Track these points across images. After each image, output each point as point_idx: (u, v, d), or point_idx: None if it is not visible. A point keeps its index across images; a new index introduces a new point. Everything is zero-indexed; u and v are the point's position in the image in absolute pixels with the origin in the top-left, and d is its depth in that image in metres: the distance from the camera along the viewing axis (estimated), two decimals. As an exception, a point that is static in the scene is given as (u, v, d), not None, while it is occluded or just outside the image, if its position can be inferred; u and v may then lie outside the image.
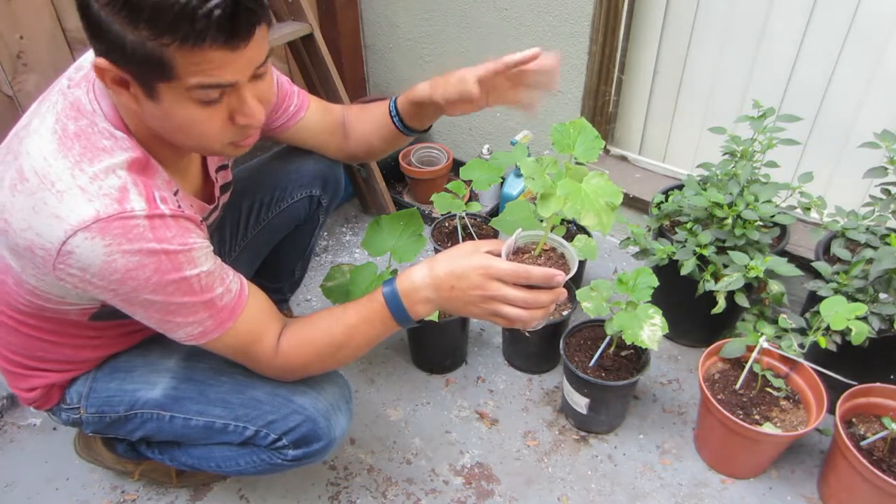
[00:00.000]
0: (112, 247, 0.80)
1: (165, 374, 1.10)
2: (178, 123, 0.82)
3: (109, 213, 0.80)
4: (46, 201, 0.80)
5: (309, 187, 1.38)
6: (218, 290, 0.90)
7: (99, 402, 1.11)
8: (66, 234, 0.79)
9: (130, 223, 0.81)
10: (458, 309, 0.94)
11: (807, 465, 1.40)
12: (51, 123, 0.84)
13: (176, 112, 0.80)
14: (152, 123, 0.85)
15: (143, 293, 0.84)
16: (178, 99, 0.79)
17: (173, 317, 0.89)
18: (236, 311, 0.93)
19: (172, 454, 1.24)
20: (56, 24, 1.51)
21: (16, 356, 1.06)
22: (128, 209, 0.81)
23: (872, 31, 1.43)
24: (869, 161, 1.42)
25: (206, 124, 0.82)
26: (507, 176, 1.99)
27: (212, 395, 1.09)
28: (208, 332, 0.92)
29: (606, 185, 0.87)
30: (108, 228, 0.80)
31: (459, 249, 0.94)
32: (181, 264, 0.85)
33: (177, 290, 0.86)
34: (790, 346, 1.29)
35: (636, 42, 1.79)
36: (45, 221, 0.80)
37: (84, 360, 1.11)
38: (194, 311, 0.89)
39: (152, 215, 0.82)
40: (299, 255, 1.55)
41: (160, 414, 1.10)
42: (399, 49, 2.16)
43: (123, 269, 0.81)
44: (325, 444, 1.10)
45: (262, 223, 1.38)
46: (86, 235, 0.79)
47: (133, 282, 0.83)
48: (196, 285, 0.87)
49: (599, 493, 1.37)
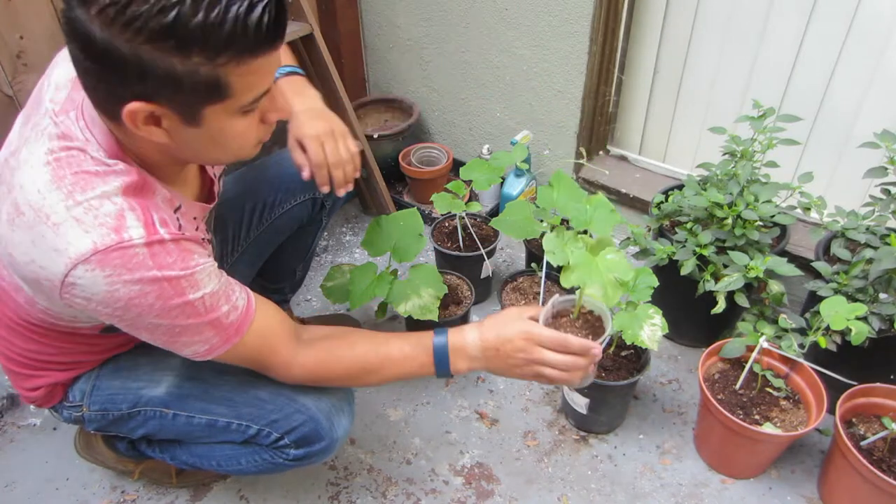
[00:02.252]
0: (113, 277, 0.79)
1: (169, 372, 1.11)
2: (221, 140, 0.82)
3: (107, 243, 0.78)
4: (44, 235, 0.79)
5: (312, 189, 1.38)
6: (223, 308, 0.89)
7: (102, 399, 1.11)
8: (66, 267, 0.78)
9: (129, 252, 0.79)
10: (502, 370, 1.01)
11: (807, 465, 1.40)
12: (41, 154, 0.82)
13: (221, 130, 0.80)
14: (182, 151, 0.84)
15: (147, 318, 0.84)
16: (225, 116, 0.78)
17: (179, 337, 0.89)
18: (242, 328, 0.93)
19: (173, 453, 1.24)
20: (56, 24, 1.51)
21: (23, 358, 1.06)
22: (125, 238, 0.79)
23: (872, 31, 1.43)
24: (869, 161, 1.42)
25: (247, 133, 0.83)
26: (507, 176, 1.99)
27: (215, 393, 1.09)
28: (215, 348, 0.92)
29: (621, 261, 0.93)
30: (107, 260, 0.78)
31: (506, 315, 1.02)
32: (184, 289, 0.84)
33: (181, 313, 0.85)
34: (790, 346, 1.29)
35: (636, 42, 1.79)
36: (45, 255, 0.80)
37: (92, 360, 1.11)
38: (199, 331, 0.89)
39: (151, 242, 0.81)
40: (301, 256, 1.55)
41: (163, 412, 1.11)
42: (399, 49, 2.16)
43: (126, 297, 0.81)
44: (327, 444, 1.10)
45: (264, 224, 1.37)
46: (86, 268, 0.78)
47: (137, 308, 0.82)
48: (200, 307, 0.86)
49: (599, 493, 1.37)
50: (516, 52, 1.88)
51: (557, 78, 1.84)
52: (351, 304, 1.41)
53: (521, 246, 2.01)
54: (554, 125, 1.93)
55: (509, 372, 1.01)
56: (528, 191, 2.01)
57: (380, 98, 2.27)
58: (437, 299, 1.41)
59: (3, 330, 1.04)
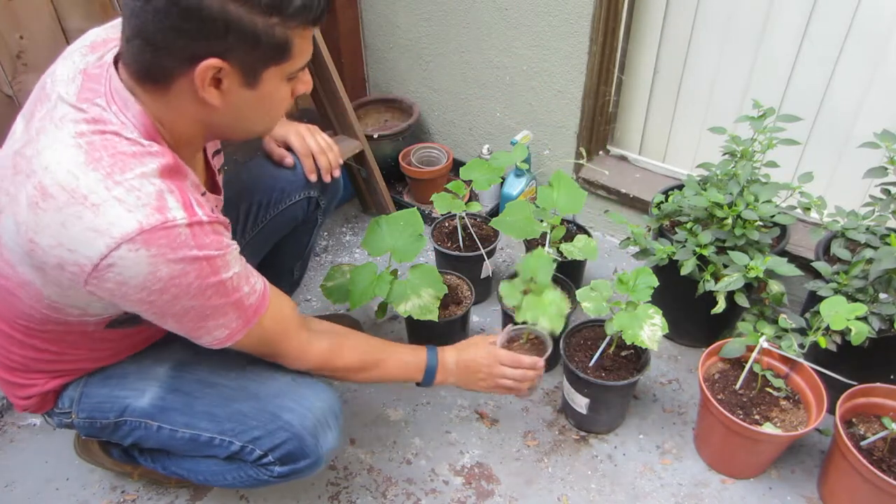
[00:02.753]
0: (157, 257, 0.80)
1: (154, 382, 1.10)
2: (268, 104, 0.89)
3: (152, 223, 0.80)
4: (80, 216, 0.79)
5: (307, 188, 1.38)
6: (245, 289, 0.93)
7: (89, 407, 1.10)
8: (107, 247, 0.79)
9: (173, 232, 0.81)
10: (469, 382, 1.28)
11: (807, 465, 1.40)
12: (69, 137, 0.82)
13: (270, 94, 0.87)
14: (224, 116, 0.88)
15: (182, 300, 0.86)
16: (278, 79, 0.87)
17: (206, 321, 0.91)
18: (259, 310, 0.96)
19: (164, 463, 1.24)
20: (56, 23, 1.51)
21: (17, 366, 1.05)
22: (169, 218, 0.81)
23: (872, 31, 1.43)
24: (869, 161, 1.42)
25: (284, 102, 0.92)
26: (507, 176, 1.99)
27: (198, 407, 1.08)
28: (235, 333, 0.95)
29: (559, 298, 1.28)
30: (153, 239, 0.80)
31: (474, 341, 1.31)
32: (219, 268, 0.87)
33: (214, 292, 0.88)
34: (790, 346, 1.29)
35: (636, 42, 1.79)
36: (79, 236, 0.80)
37: (83, 368, 1.10)
38: (224, 313, 0.91)
39: (192, 223, 0.83)
40: (298, 255, 1.55)
41: (148, 423, 1.10)
42: (399, 49, 2.16)
43: (167, 277, 0.82)
44: (313, 461, 1.09)
45: (260, 224, 1.37)
46: (130, 247, 0.79)
47: (175, 289, 0.84)
48: (230, 286, 0.90)
49: (599, 493, 1.37)
50: (516, 52, 1.88)
51: (557, 78, 1.84)
52: (351, 304, 1.41)
53: (521, 246, 2.01)
54: (554, 125, 1.93)
55: (475, 385, 1.28)
56: (528, 191, 2.01)
57: (380, 98, 2.27)
58: (437, 299, 1.41)
59: None
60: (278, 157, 1.34)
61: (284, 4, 0.79)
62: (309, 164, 1.35)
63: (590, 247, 1.51)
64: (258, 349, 1.03)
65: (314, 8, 0.82)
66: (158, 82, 0.83)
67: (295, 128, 1.34)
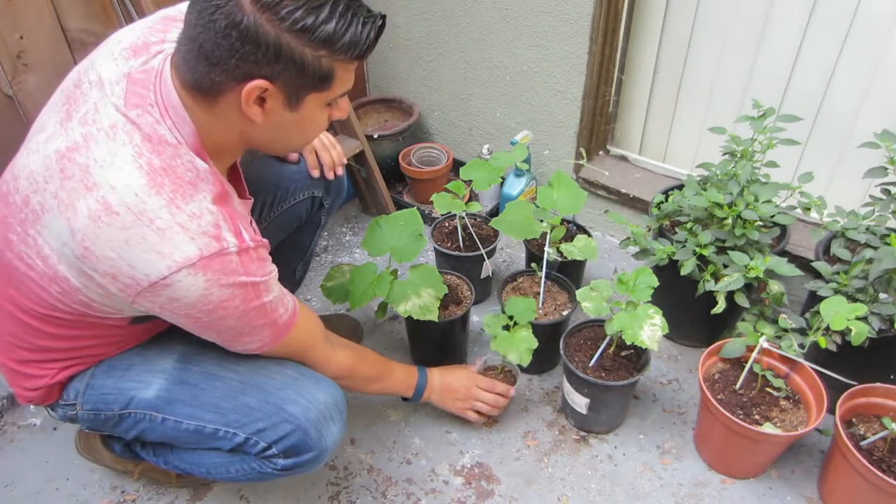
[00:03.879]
0: (211, 282, 0.88)
1: (160, 374, 1.10)
2: (305, 127, 0.96)
3: (211, 251, 0.88)
4: (146, 237, 0.86)
5: (312, 188, 1.38)
6: (280, 310, 1.02)
7: (94, 399, 1.10)
8: (169, 270, 0.86)
9: (227, 259, 0.89)
10: (446, 402, 1.42)
11: (807, 465, 1.40)
12: (130, 156, 0.87)
13: (310, 116, 0.93)
14: (263, 133, 0.94)
15: (228, 320, 0.94)
16: (318, 105, 0.92)
17: (242, 337, 1.00)
18: (289, 327, 1.05)
19: (167, 457, 1.24)
20: (56, 24, 1.51)
21: (27, 354, 1.06)
22: (224, 246, 0.89)
23: (872, 31, 1.43)
24: (869, 161, 1.42)
25: (321, 125, 0.98)
26: (507, 176, 1.99)
27: (204, 399, 1.09)
28: (266, 345, 1.04)
29: (530, 336, 1.38)
30: (210, 265, 0.88)
31: (457, 367, 1.48)
32: (261, 293, 0.96)
33: (256, 314, 0.97)
34: (790, 346, 1.29)
35: (636, 42, 1.79)
36: (143, 256, 0.86)
37: (97, 354, 1.10)
38: (260, 331, 1.01)
39: (241, 250, 0.91)
40: (300, 255, 1.55)
41: (152, 415, 1.10)
42: (399, 49, 2.16)
43: (217, 300, 0.91)
44: (316, 454, 1.10)
45: (263, 223, 1.37)
46: (189, 272, 0.87)
47: (222, 311, 0.92)
48: (269, 308, 0.98)
49: (599, 493, 1.37)
50: (516, 52, 1.88)
51: (557, 78, 1.84)
52: (351, 304, 1.41)
53: (521, 246, 2.01)
54: (554, 125, 1.93)
55: (451, 404, 1.42)
56: (528, 191, 2.01)
57: (380, 98, 2.27)
58: (437, 299, 1.41)
59: (9, 325, 1.03)
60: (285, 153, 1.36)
61: (335, 40, 0.84)
62: (312, 159, 1.38)
63: (590, 247, 1.51)
64: (288, 356, 1.13)
65: (360, 45, 0.87)
66: (208, 94, 0.88)
67: None
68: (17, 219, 0.92)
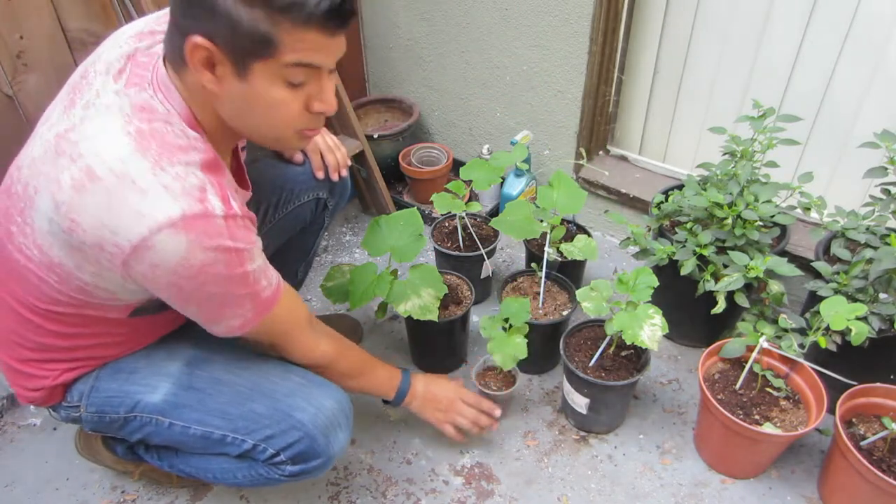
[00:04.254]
0: (193, 243, 0.84)
1: (167, 379, 1.10)
2: (262, 104, 0.87)
3: (195, 211, 0.84)
4: (127, 198, 0.83)
5: (316, 190, 1.38)
6: (263, 282, 0.97)
7: (99, 401, 1.10)
8: (150, 230, 0.83)
9: (211, 222, 0.86)
10: (426, 411, 1.34)
11: (807, 465, 1.40)
12: (118, 125, 0.86)
13: (263, 91, 0.85)
14: (227, 107, 0.89)
15: (209, 286, 0.90)
16: (270, 77, 0.84)
17: (224, 309, 0.95)
18: (272, 303, 1.00)
19: (171, 461, 1.24)
20: (56, 23, 1.51)
21: (31, 353, 1.06)
22: (209, 209, 0.86)
23: (872, 31, 1.43)
24: (869, 161, 1.42)
25: (287, 107, 0.88)
26: (507, 176, 1.99)
27: (211, 404, 1.09)
28: (248, 322, 0.98)
29: (522, 344, 1.38)
30: (193, 226, 0.84)
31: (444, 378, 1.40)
32: (245, 260, 0.91)
33: (238, 282, 0.92)
34: (790, 346, 1.29)
35: (636, 42, 1.79)
36: (124, 217, 0.83)
37: (101, 356, 1.10)
38: (242, 303, 0.96)
39: (227, 215, 0.88)
40: (303, 257, 1.55)
41: (159, 419, 1.10)
42: (399, 49, 2.16)
43: (200, 264, 0.86)
44: (324, 460, 1.10)
45: (268, 225, 1.37)
46: (171, 232, 0.83)
47: (204, 276, 0.88)
48: (251, 278, 0.94)
49: (599, 493, 1.37)
50: (516, 52, 1.88)
51: (557, 78, 1.84)
52: (351, 304, 1.41)
53: (521, 246, 2.01)
54: (554, 125, 1.93)
55: (431, 413, 1.34)
56: (528, 191, 2.01)
57: (380, 98, 2.27)
58: (437, 299, 1.41)
59: (13, 323, 1.03)
60: (290, 154, 1.36)
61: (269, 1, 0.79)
62: (317, 160, 1.38)
63: (590, 247, 1.51)
64: (269, 339, 1.07)
65: (305, 8, 0.79)
66: (176, 63, 0.87)
67: None
68: (17, 209, 0.92)
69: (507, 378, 1.51)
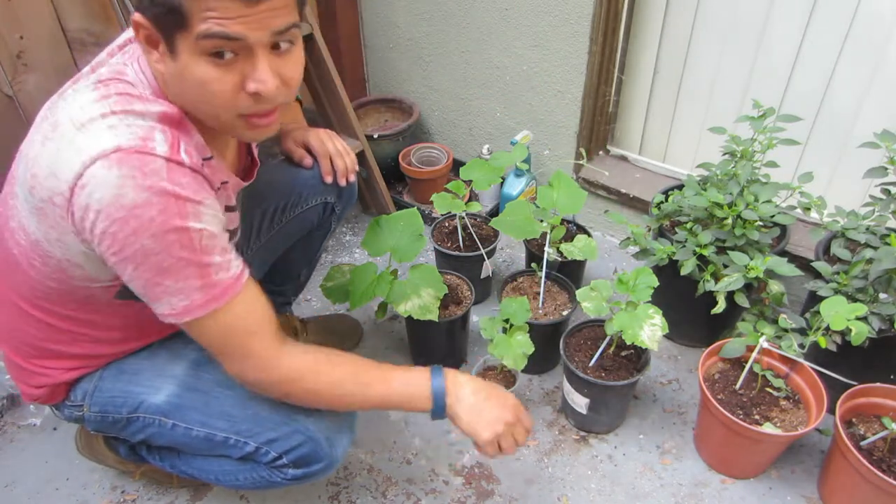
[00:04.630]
0: (125, 178, 0.79)
1: (171, 380, 1.10)
2: (191, 83, 0.82)
3: (131, 145, 0.80)
4: (73, 140, 0.81)
5: (324, 194, 1.38)
6: (216, 258, 0.87)
7: (103, 401, 1.10)
8: (83, 165, 0.79)
9: (148, 158, 0.81)
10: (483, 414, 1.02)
11: (807, 465, 1.40)
12: (91, 84, 0.86)
13: (191, 69, 0.81)
14: (172, 89, 0.87)
15: (142, 237, 0.81)
16: (191, 52, 0.79)
17: (164, 277, 0.85)
18: (227, 293, 0.89)
19: (173, 462, 1.24)
20: (56, 23, 1.51)
21: (32, 349, 1.06)
22: (149, 147, 0.81)
23: (872, 31, 1.43)
24: (869, 161, 1.42)
25: (216, 86, 0.82)
26: (507, 176, 1.99)
27: (215, 406, 1.08)
28: (194, 307, 0.87)
29: (526, 340, 1.37)
30: (126, 159, 0.79)
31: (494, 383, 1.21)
32: (187, 213, 0.83)
33: (176, 240, 0.83)
34: (790, 346, 1.29)
35: (636, 42, 1.79)
36: (66, 158, 0.81)
37: (101, 354, 1.10)
38: (186, 275, 0.85)
39: (171, 159, 0.82)
40: (307, 260, 1.55)
41: (162, 420, 1.10)
42: (399, 49, 2.16)
43: (131, 204, 0.79)
44: (327, 464, 1.09)
45: (275, 228, 1.37)
46: (102, 164, 0.79)
47: (135, 221, 0.80)
48: (196, 242, 0.84)
49: (599, 493, 1.37)
50: (516, 52, 1.88)
51: (557, 78, 1.84)
52: (351, 304, 1.41)
53: (521, 246, 2.01)
54: (554, 125, 1.93)
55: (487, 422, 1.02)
56: (528, 191, 2.01)
57: (380, 98, 2.27)
58: (437, 299, 1.41)
59: (14, 318, 1.03)
60: (298, 157, 1.35)
61: None
62: (326, 164, 1.36)
63: (590, 247, 1.51)
64: (222, 341, 0.93)
65: None
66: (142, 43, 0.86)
67: (315, 132, 1.37)
68: (10, 188, 0.93)
69: (507, 378, 1.51)
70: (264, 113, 0.88)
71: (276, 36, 0.82)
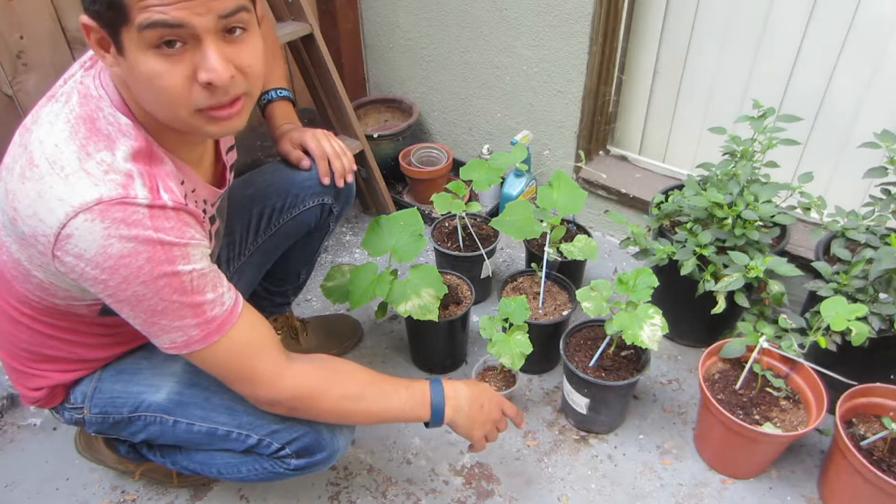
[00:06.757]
0: (110, 230, 0.79)
1: (171, 378, 1.10)
2: (142, 80, 0.79)
3: (112, 196, 0.79)
4: (53, 185, 0.80)
5: (322, 195, 1.38)
6: (209, 295, 0.88)
7: (103, 402, 1.10)
8: (66, 216, 0.79)
9: (130, 209, 0.80)
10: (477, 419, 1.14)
11: (807, 465, 1.40)
12: (64, 112, 0.85)
13: (139, 65, 0.78)
14: (133, 93, 0.85)
15: (133, 284, 0.82)
16: (139, 48, 0.76)
17: (159, 318, 0.87)
18: (225, 326, 0.91)
19: (174, 458, 1.24)
20: (56, 24, 1.51)
21: (26, 353, 1.06)
22: (131, 195, 0.81)
23: (872, 31, 1.43)
24: (869, 161, 1.42)
25: (166, 79, 0.78)
26: (507, 176, 1.99)
27: (216, 401, 1.09)
28: (192, 342, 0.89)
29: (525, 341, 1.37)
30: (109, 212, 0.79)
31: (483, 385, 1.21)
32: (175, 258, 0.84)
33: (167, 284, 0.84)
34: (790, 346, 1.29)
35: (636, 42, 1.79)
36: (49, 205, 0.80)
37: (95, 359, 1.10)
38: (181, 315, 0.87)
39: (153, 205, 0.82)
40: (307, 260, 1.55)
41: (164, 418, 1.10)
42: (399, 49, 2.16)
43: (118, 255, 0.80)
44: (329, 454, 1.10)
45: (273, 229, 1.37)
46: (86, 217, 0.79)
47: (125, 270, 0.81)
48: (187, 284, 0.85)
49: (599, 493, 1.37)
50: (516, 52, 1.88)
51: (557, 78, 1.84)
52: (351, 304, 1.41)
53: (521, 246, 2.01)
54: (554, 125, 1.93)
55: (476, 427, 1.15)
56: (528, 191, 2.01)
57: (380, 98, 2.27)
58: (437, 299, 1.41)
59: (6, 324, 1.03)
60: (295, 159, 1.33)
61: None
62: (324, 166, 1.34)
63: (590, 247, 1.51)
64: (227, 368, 0.95)
65: None
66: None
67: (312, 132, 1.35)
68: None
69: (507, 378, 1.51)
70: (223, 105, 0.84)
71: (224, 20, 0.78)
